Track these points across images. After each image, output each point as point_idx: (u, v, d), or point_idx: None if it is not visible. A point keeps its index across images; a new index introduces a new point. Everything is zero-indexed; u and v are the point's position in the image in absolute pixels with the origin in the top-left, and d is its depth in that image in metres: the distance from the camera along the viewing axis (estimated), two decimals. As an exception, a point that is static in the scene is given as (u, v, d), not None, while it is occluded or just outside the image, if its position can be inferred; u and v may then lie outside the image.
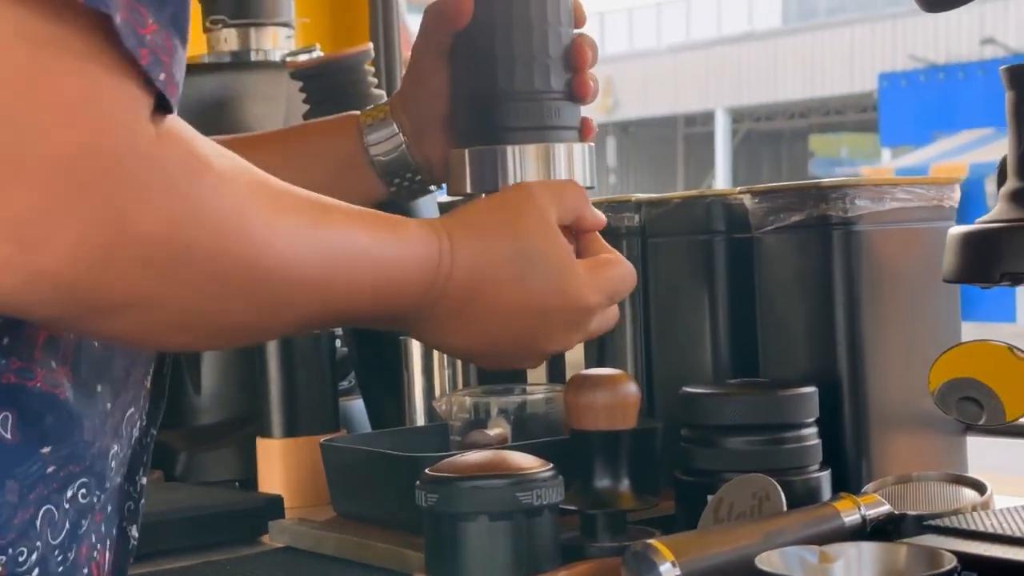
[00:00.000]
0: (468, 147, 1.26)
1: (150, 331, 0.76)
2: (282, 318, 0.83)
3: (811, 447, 1.19)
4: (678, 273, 1.37)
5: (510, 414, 1.31)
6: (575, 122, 1.30)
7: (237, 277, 0.77)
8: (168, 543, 1.33)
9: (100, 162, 0.68)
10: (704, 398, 1.20)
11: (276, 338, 0.95)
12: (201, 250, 0.73)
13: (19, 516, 0.77)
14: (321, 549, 1.30)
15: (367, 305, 0.88)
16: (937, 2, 0.99)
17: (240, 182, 0.77)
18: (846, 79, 22.28)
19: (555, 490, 1.07)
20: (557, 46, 1.27)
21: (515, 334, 0.96)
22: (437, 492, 1.05)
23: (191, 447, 1.71)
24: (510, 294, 0.95)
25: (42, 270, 0.68)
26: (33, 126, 0.66)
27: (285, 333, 0.91)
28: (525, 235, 0.96)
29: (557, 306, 0.96)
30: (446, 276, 0.91)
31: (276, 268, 0.79)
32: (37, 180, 0.66)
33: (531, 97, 1.27)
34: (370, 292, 0.87)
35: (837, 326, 1.24)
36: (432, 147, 1.22)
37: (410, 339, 1.52)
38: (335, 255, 0.84)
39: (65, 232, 0.68)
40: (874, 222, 1.24)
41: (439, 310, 0.92)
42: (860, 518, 1.09)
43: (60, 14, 0.66)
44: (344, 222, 0.85)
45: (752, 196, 1.29)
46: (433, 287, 0.91)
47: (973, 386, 1.14)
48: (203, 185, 0.74)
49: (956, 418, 1.16)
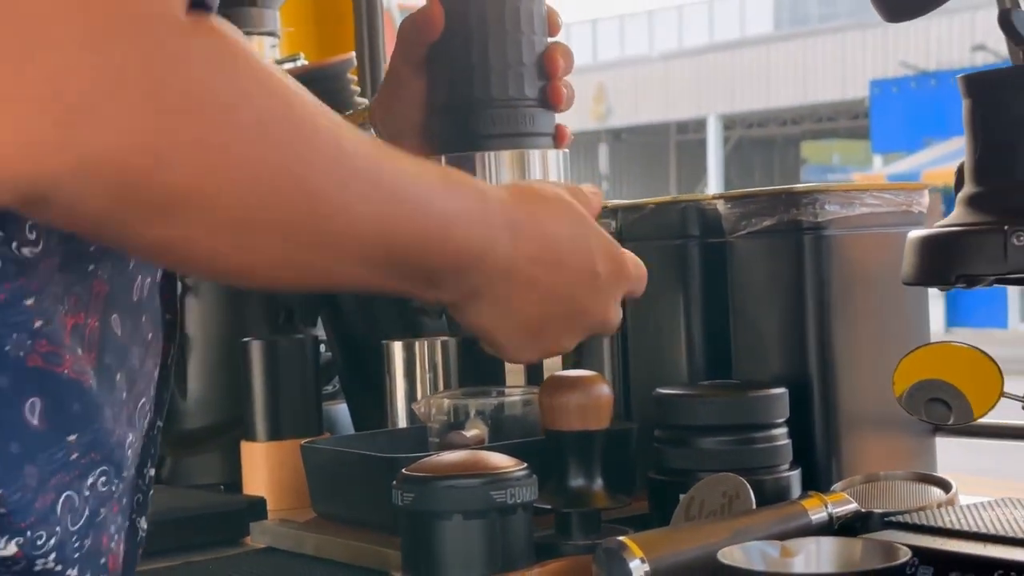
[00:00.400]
0: (444, 154, 1.29)
1: (204, 240, 0.71)
2: (343, 250, 0.78)
3: (781, 447, 1.22)
4: (653, 277, 1.38)
5: (487, 416, 1.34)
6: (550, 129, 1.33)
7: (301, 177, 0.73)
8: (152, 544, 1.34)
9: (139, 37, 0.65)
10: (676, 399, 1.23)
11: (338, 285, 0.87)
12: (262, 140, 0.70)
13: (40, 501, 0.78)
14: (301, 549, 1.33)
15: (435, 255, 0.83)
16: (897, 12, 1.01)
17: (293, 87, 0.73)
18: (838, 86, 22.35)
19: (528, 489, 1.09)
20: (531, 54, 1.30)
21: (568, 297, 0.93)
22: (413, 491, 1.08)
23: (177, 451, 1.73)
24: (570, 253, 0.92)
25: (92, 153, 0.64)
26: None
27: (346, 279, 0.84)
28: (573, 205, 0.96)
29: (609, 271, 0.96)
30: (513, 226, 0.88)
31: (339, 185, 0.75)
32: (75, 46, 0.63)
33: (505, 104, 1.29)
34: (438, 240, 0.82)
35: (808, 328, 1.27)
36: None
37: (392, 343, 1.54)
38: (401, 190, 0.79)
39: (114, 110, 0.64)
40: (844, 227, 1.26)
41: (506, 264, 0.88)
42: (827, 515, 1.11)
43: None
44: (409, 163, 0.82)
45: (725, 201, 1.32)
46: (499, 242, 0.87)
47: (940, 387, 1.17)
48: (258, 73, 0.70)
49: (924, 419, 1.18)
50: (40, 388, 0.76)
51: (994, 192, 0.94)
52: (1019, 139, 0.93)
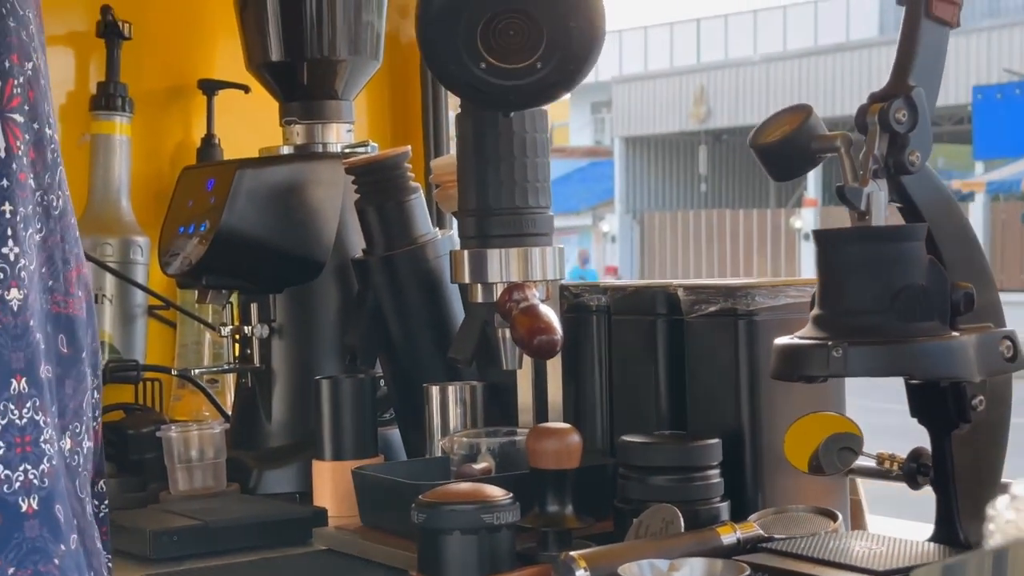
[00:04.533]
0: (467, 249, 1.69)
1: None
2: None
3: (714, 484, 1.58)
4: (632, 345, 1.76)
5: (495, 451, 1.72)
6: (548, 230, 1.72)
7: None
8: (233, 542, 1.75)
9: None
10: (635, 445, 1.60)
11: None
12: None
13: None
14: (350, 551, 1.72)
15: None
16: (781, 176, 1.38)
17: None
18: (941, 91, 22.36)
19: (512, 513, 1.48)
20: (533, 172, 1.68)
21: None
22: (425, 512, 1.47)
23: (262, 465, 2.13)
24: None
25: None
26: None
27: None
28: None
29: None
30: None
31: None
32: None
33: (513, 212, 1.68)
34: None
35: (742, 391, 1.63)
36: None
37: (431, 386, 1.93)
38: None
39: None
40: (771, 314, 1.62)
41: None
42: (736, 539, 1.48)
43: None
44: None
45: (684, 290, 1.68)
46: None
47: (851, 439, 1.52)
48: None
49: (839, 467, 1.53)
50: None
51: (826, 316, 1.31)
52: (844, 279, 1.29)
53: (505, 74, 1.47)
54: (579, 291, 1.81)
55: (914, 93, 1.33)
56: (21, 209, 1.21)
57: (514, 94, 1.49)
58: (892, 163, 1.32)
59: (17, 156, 1.21)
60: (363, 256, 2.08)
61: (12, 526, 1.17)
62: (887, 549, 1.34)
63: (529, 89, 1.49)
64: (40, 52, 1.28)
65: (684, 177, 26.54)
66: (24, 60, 1.24)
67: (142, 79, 2.44)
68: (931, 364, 1.28)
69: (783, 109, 1.41)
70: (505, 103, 1.53)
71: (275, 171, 2.16)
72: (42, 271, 1.24)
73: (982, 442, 1.37)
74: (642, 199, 26.14)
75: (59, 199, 1.28)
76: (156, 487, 2.07)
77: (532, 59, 1.46)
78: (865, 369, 1.27)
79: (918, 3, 1.35)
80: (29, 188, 1.23)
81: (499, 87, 1.48)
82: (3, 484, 1.17)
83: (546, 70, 1.47)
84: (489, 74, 1.46)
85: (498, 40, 1.45)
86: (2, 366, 1.17)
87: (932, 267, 1.31)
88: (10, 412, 1.18)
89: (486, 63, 1.45)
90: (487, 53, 1.45)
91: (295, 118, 2.23)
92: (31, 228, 1.22)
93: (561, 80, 1.47)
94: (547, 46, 1.45)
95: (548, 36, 1.45)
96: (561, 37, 1.45)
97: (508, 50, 1.45)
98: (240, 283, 2.19)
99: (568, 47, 1.46)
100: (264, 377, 2.19)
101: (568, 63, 1.46)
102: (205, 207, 2.13)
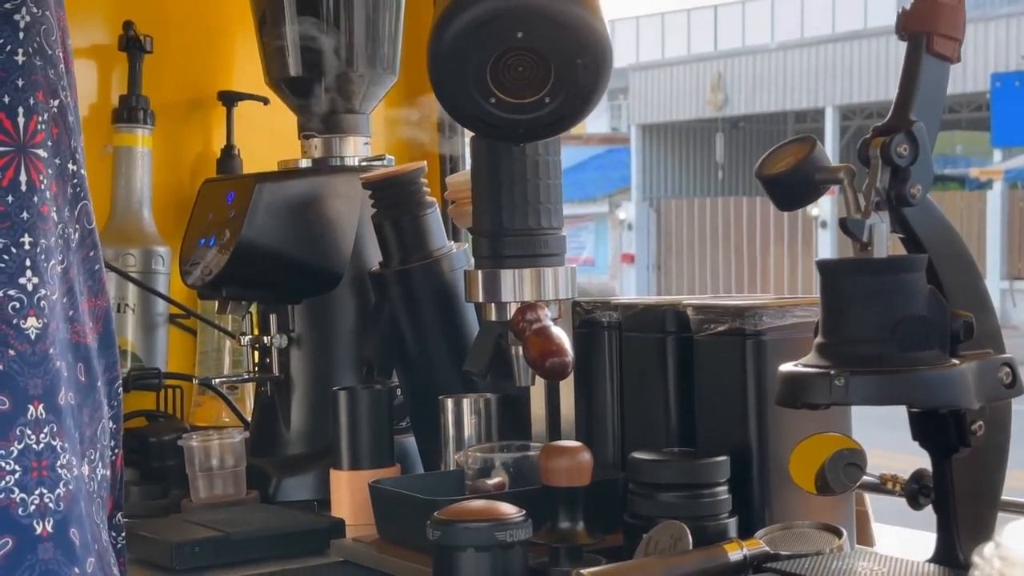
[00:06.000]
0: (481, 269, 1.72)
1: None
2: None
3: (722, 501, 1.62)
4: (643, 361, 1.80)
5: (509, 466, 1.76)
6: (561, 250, 1.75)
7: None
8: (253, 552, 1.80)
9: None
10: (645, 462, 1.64)
11: None
12: None
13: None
14: (366, 563, 1.76)
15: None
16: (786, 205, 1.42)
17: None
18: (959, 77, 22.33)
19: (524, 530, 1.52)
20: (546, 193, 1.72)
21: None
22: (440, 530, 1.51)
23: (281, 473, 2.17)
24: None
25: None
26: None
27: None
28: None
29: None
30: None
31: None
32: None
33: (526, 233, 1.72)
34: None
35: (749, 410, 1.67)
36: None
37: (446, 398, 1.97)
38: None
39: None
40: (778, 333, 1.66)
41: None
42: (743, 556, 1.52)
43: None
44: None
45: (693, 309, 1.72)
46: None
47: (854, 455, 1.56)
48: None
49: (846, 482, 1.57)
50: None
51: (829, 344, 1.35)
52: (847, 309, 1.33)
53: (514, 108, 1.50)
54: (591, 307, 1.85)
55: (915, 127, 1.37)
56: (43, 241, 1.25)
57: (522, 127, 1.53)
58: (894, 195, 1.36)
59: (39, 190, 1.26)
60: (380, 269, 2.12)
61: (25, 549, 1.21)
62: (889, 570, 1.38)
63: (537, 123, 1.52)
64: (70, 90, 1.33)
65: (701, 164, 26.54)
66: (50, 97, 1.29)
67: (163, 91, 2.49)
68: (931, 393, 1.31)
69: (788, 140, 1.45)
70: (513, 136, 1.57)
71: (294, 185, 2.20)
72: (63, 301, 1.28)
73: (982, 465, 1.41)
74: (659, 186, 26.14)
75: (76, 232, 1.33)
76: (177, 494, 2.12)
77: (540, 94, 1.50)
78: (866, 398, 1.31)
79: (919, 40, 1.38)
80: (52, 220, 1.27)
81: (508, 120, 1.52)
82: (19, 507, 1.21)
83: (554, 104, 1.51)
84: (498, 108, 1.50)
85: (507, 75, 1.49)
86: (20, 392, 1.22)
87: (932, 297, 1.34)
88: (27, 437, 1.22)
89: (495, 98, 1.49)
90: (496, 88, 1.48)
91: (313, 132, 2.27)
92: (53, 259, 1.27)
93: (568, 114, 1.51)
94: (555, 82, 1.49)
95: (556, 72, 1.49)
96: (569, 73, 1.48)
97: (517, 85, 1.49)
98: (259, 294, 2.24)
99: (575, 83, 1.49)
100: (283, 386, 2.24)
101: (575, 98, 1.50)
102: (225, 220, 2.18)
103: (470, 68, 1.47)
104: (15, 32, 1.27)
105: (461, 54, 1.47)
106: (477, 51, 1.47)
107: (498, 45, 1.46)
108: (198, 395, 2.47)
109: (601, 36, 1.47)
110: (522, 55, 1.46)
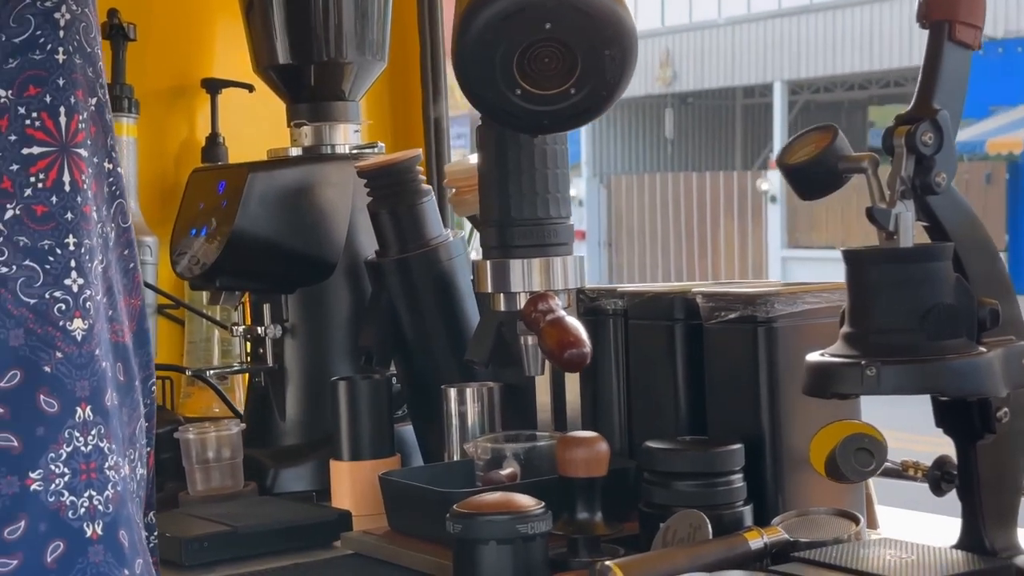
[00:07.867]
0: (489, 259, 1.72)
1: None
2: None
3: (737, 488, 1.62)
4: (651, 349, 1.80)
5: (521, 457, 1.75)
6: (569, 239, 1.74)
7: None
8: (266, 547, 1.78)
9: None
10: (659, 451, 1.64)
11: None
12: None
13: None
14: (376, 555, 1.75)
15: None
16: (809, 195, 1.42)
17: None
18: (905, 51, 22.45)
19: (545, 522, 1.51)
20: (555, 183, 1.71)
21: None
22: (461, 523, 1.50)
23: (278, 464, 2.16)
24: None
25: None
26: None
27: None
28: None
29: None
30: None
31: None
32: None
33: (535, 223, 1.72)
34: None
35: (762, 397, 1.67)
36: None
37: (449, 388, 1.96)
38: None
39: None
40: (789, 320, 1.66)
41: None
42: (763, 544, 1.52)
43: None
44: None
45: (703, 297, 1.72)
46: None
47: (866, 440, 1.56)
48: None
49: (855, 467, 1.57)
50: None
51: (857, 334, 1.35)
52: (874, 298, 1.33)
53: (539, 99, 1.50)
54: (596, 295, 1.85)
55: (939, 116, 1.37)
56: (87, 241, 1.24)
57: (547, 119, 1.52)
58: (919, 184, 1.36)
59: (82, 190, 1.25)
60: (377, 258, 2.10)
61: (76, 552, 1.21)
62: (917, 558, 1.39)
63: (562, 114, 1.52)
64: (105, 89, 1.32)
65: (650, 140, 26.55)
66: (89, 96, 1.28)
67: (146, 79, 2.46)
68: (961, 382, 1.32)
69: (809, 128, 1.45)
70: (538, 127, 1.56)
71: (285, 173, 2.18)
72: (104, 301, 1.27)
73: (1006, 452, 1.42)
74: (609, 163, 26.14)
75: (113, 230, 1.32)
76: (174, 487, 2.10)
77: (566, 85, 1.49)
78: (897, 387, 1.31)
79: (942, 28, 1.38)
80: (93, 220, 1.26)
81: (532, 112, 1.51)
82: (68, 510, 1.20)
83: (579, 96, 1.50)
84: (524, 100, 1.49)
85: (533, 67, 1.48)
86: (67, 395, 1.21)
87: (959, 285, 1.35)
88: (75, 439, 1.21)
89: (521, 89, 1.48)
90: (522, 79, 1.47)
91: (303, 120, 2.25)
92: (95, 259, 1.26)
93: (593, 106, 1.50)
94: (581, 73, 1.48)
95: (583, 64, 1.48)
96: (595, 65, 1.47)
97: (543, 76, 1.48)
98: (253, 284, 2.22)
99: (601, 75, 1.49)
100: (277, 376, 2.22)
101: (601, 90, 1.49)
102: (216, 209, 2.16)
103: (497, 59, 1.46)
104: (55, 30, 1.25)
105: (488, 45, 1.46)
106: (505, 42, 1.45)
107: (526, 36, 1.45)
108: (187, 386, 2.45)
109: (629, 28, 1.46)
110: (548, 46, 1.45)
